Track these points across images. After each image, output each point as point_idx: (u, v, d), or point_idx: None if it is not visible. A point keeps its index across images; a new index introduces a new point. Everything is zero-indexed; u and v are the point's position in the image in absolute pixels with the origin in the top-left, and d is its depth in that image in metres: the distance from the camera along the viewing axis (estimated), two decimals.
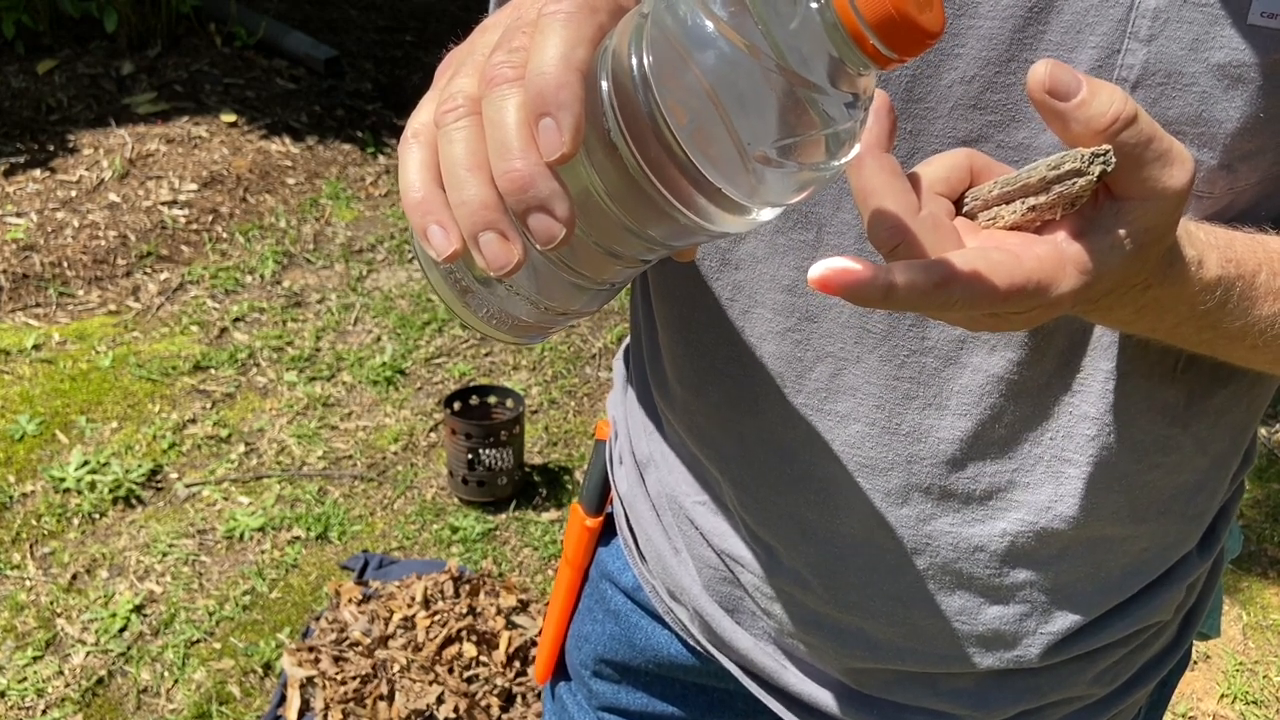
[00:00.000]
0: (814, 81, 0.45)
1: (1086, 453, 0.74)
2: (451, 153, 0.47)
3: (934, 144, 0.66)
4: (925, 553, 0.78)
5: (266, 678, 2.23)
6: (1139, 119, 0.51)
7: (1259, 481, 2.89)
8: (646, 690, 1.00)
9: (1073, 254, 0.53)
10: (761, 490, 0.81)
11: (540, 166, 0.45)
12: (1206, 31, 0.61)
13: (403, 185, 0.49)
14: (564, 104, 0.44)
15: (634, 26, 0.47)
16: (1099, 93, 0.50)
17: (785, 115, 0.45)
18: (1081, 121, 0.50)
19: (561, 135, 0.44)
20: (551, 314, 0.54)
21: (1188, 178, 0.53)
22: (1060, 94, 0.50)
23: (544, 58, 0.45)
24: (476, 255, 0.47)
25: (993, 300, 0.51)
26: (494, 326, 0.54)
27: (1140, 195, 0.52)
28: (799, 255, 0.72)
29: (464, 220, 0.46)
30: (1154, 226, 0.53)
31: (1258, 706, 2.33)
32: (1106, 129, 0.50)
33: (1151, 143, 0.51)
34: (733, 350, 0.78)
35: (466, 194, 0.46)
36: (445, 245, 0.47)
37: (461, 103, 0.48)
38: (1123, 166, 0.51)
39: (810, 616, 0.84)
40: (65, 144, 3.76)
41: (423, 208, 0.48)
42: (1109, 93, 0.50)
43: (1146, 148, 0.51)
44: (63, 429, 2.77)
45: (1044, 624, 0.80)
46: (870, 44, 0.44)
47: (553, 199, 0.45)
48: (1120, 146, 0.51)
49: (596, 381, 3.11)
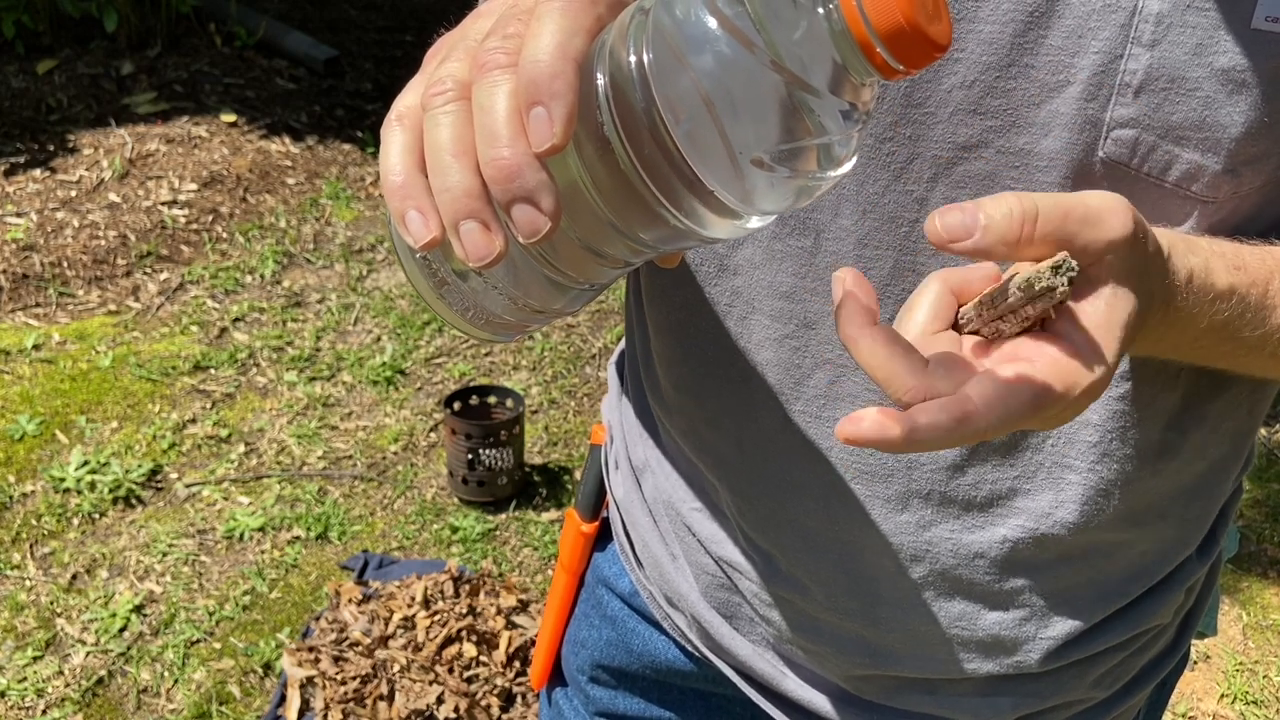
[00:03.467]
0: (814, 86, 0.44)
1: (1087, 459, 0.73)
2: (437, 137, 0.46)
3: (933, 149, 0.66)
4: (925, 559, 0.78)
5: (266, 678, 2.23)
6: (1040, 206, 0.51)
7: (1259, 482, 2.89)
8: (643, 696, 1.00)
9: (1082, 341, 0.53)
10: (759, 497, 0.81)
11: (528, 156, 0.44)
12: (1210, 36, 0.61)
13: (383, 168, 0.48)
14: (557, 94, 0.43)
15: (634, 22, 0.46)
16: (994, 212, 0.50)
17: (782, 120, 0.45)
18: (999, 245, 0.50)
19: (553, 126, 0.43)
20: (529, 312, 0.53)
21: (1125, 221, 0.53)
22: (962, 236, 0.50)
23: (539, 46, 0.44)
24: (456, 245, 0.45)
25: (1022, 417, 0.51)
26: (469, 321, 0.53)
27: (1095, 261, 0.53)
28: (796, 262, 0.72)
29: (445, 208, 0.45)
30: (1130, 270, 0.54)
31: (1258, 706, 2.33)
32: (1021, 238, 0.50)
33: (1068, 216, 0.52)
34: (730, 357, 0.78)
35: (449, 180, 0.45)
36: (424, 232, 0.46)
37: (450, 86, 0.47)
38: (1071, 245, 0.52)
39: (809, 623, 0.84)
40: (65, 144, 3.76)
41: (402, 192, 0.47)
42: (999, 205, 0.50)
43: (1066, 223, 0.51)
44: (63, 429, 2.77)
45: (1044, 629, 0.80)
46: (878, 54, 0.44)
47: (539, 190, 0.44)
48: (1045, 239, 0.51)
49: (596, 381, 3.11)
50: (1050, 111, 0.64)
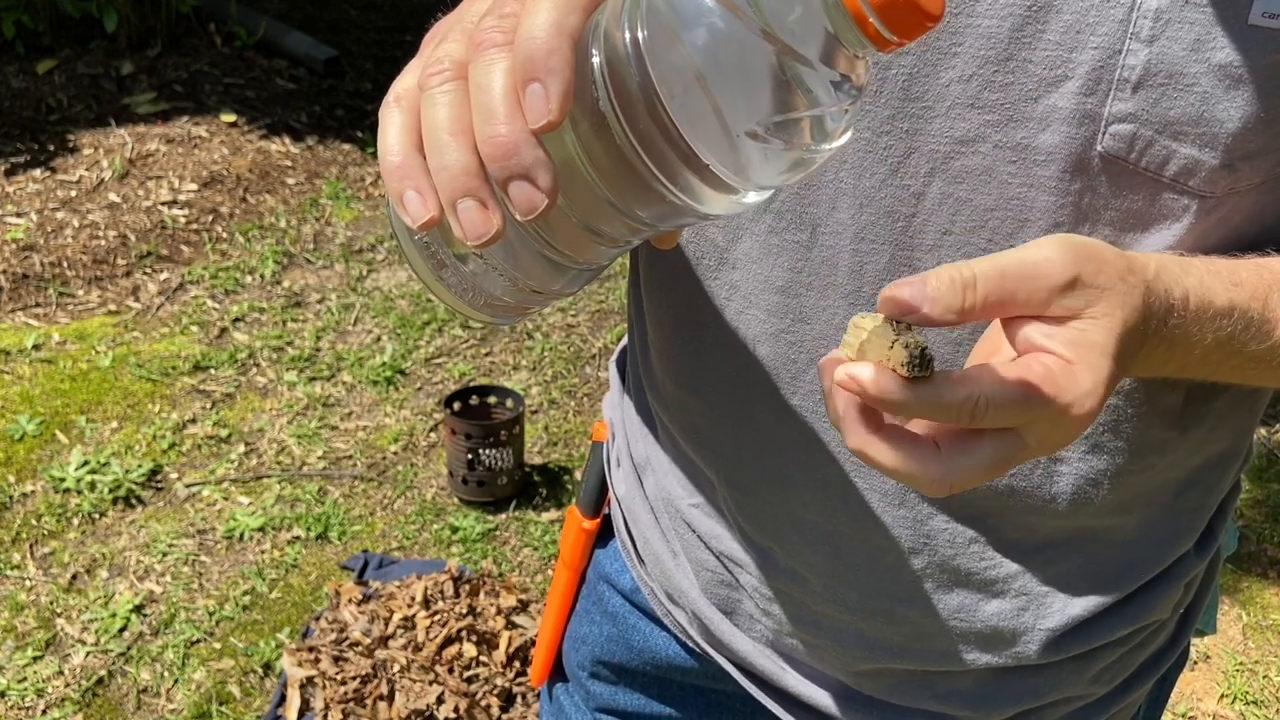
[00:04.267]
0: (806, 57, 0.45)
1: (1078, 450, 0.74)
2: (434, 116, 0.46)
3: (931, 143, 0.66)
4: (924, 551, 0.78)
5: (266, 678, 2.23)
6: (977, 271, 0.52)
7: (1259, 481, 2.89)
8: (644, 692, 1.00)
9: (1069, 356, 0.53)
10: (757, 492, 0.81)
11: (525, 133, 0.44)
12: (1208, 32, 0.61)
13: (381, 149, 0.48)
14: (553, 70, 0.43)
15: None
16: (938, 284, 0.51)
17: (775, 92, 0.45)
18: (948, 314, 0.51)
19: (549, 102, 0.43)
20: (528, 293, 0.53)
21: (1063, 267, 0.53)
22: (912, 308, 0.51)
23: (534, 23, 0.44)
24: (454, 224, 0.45)
25: (1015, 408, 0.51)
26: (469, 303, 0.53)
27: (1044, 308, 0.54)
28: (792, 256, 0.72)
29: (443, 186, 0.45)
30: (1093, 299, 0.54)
31: (1258, 706, 2.33)
32: (964, 306, 0.51)
33: (1005, 275, 0.52)
34: (727, 351, 0.78)
35: (447, 159, 0.45)
36: (422, 212, 0.46)
37: (448, 66, 0.47)
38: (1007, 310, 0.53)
39: (809, 617, 0.84)
40: (65, 144, 3.76)
41: (400, 172, 0.47)
42: (942, 276, 0.51)
43: (1004, 282, 0.52)
44: (63, 429, 2.77)
45: (1041, 619, 0.80)
46: (871, 24, 0.44)
47: (536, 167, 0.44)
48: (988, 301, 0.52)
49: (596, 381, 3.11)
50: (1048, 106, 0.64)
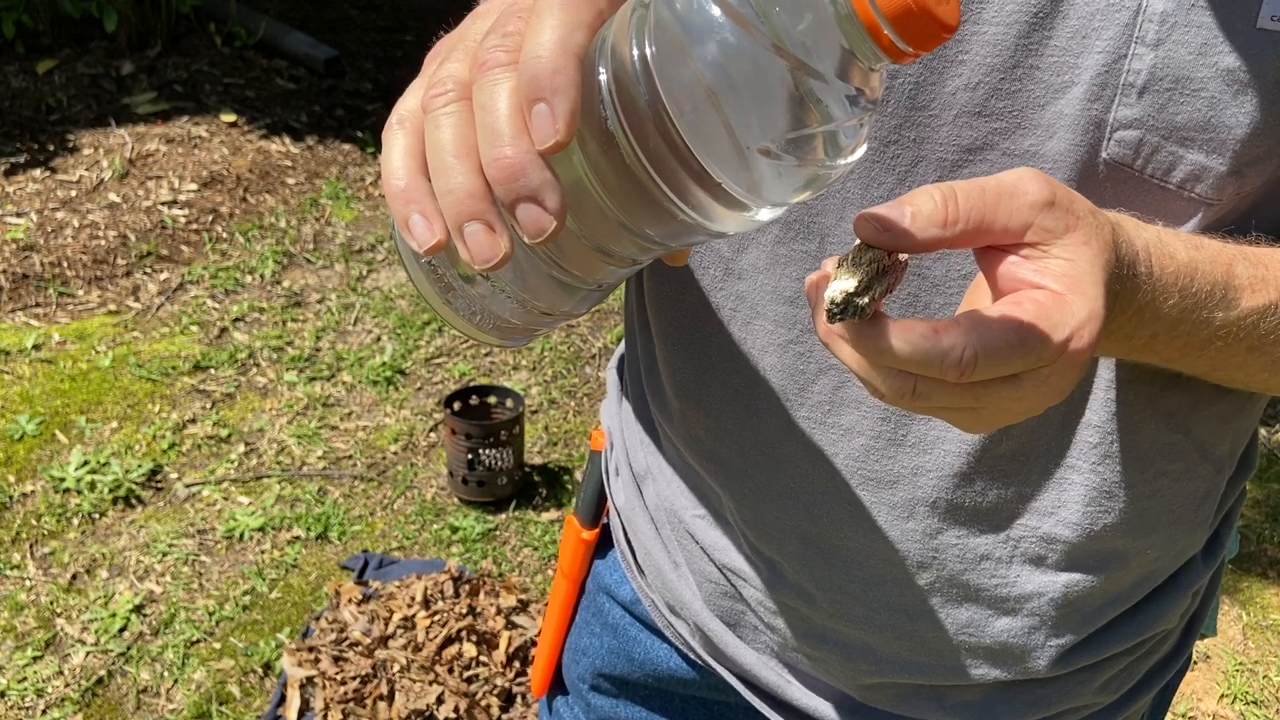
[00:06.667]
0: (819, 71, 0.44)
1: (1089, 459, 0.73)
2: (438, 139, 0.45)
3: (938, 151, 0.66)
4: (932, 566, 0.78)
5: (266, 678, 2.23)
6: (956, 186, 0.50)
7: (1259, 482, 2.89)
8: (645, 704, 0.99)
9: (1060, 288, 0.51)
10: (763, 504, 0.81)
11: (532, 154, 0.43)
12: (1215, 36, 0.60)
13: (385, 173, 0.47)
14: (559, 89, 0.42)
15: (635, 15, 0.45)
16: (917, 201, 0.49)
17: (789, 108, 0.44)
18: (930, 227, 0.49)
19: (555, 122, 0.42)
20: (537, 314, 0.52)
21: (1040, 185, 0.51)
22: (892, 225, 0.49)
23: (539, 42, 0.43)
24: (460, 248, 0.45)
25: (1010, 352, 0.49)
26: (477, 326, 0.52)
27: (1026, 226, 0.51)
28: (801, 266, 0.72)
29: (449, 210, 0.45)
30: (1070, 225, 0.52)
31: (1258, 706, 2.33)
32: (947, 218, 0.49)
33: (984, 190, 0.50)
34: (734, 363, 0.77)
35: (453, 182, 0.44)
36: (428, 236, 0.45)
37: (451, 88, 0.46)
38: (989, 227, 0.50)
39: (814, 631, 0.84)
40: (65, 144, 3.75)
41: (405, 196, 0.46)
42: (920, 194, 0.50)
43: (984, 196, 0.50)
44: (63, 429, 2.77)
45: (1053, 637, 0.80)
46: (885, 36, 0.43)
47: (544, 189, 0.43)
48: (970, 216, 0.50)
49: (596, 381, 3.11)
50: (1055, 113, 0.63)
